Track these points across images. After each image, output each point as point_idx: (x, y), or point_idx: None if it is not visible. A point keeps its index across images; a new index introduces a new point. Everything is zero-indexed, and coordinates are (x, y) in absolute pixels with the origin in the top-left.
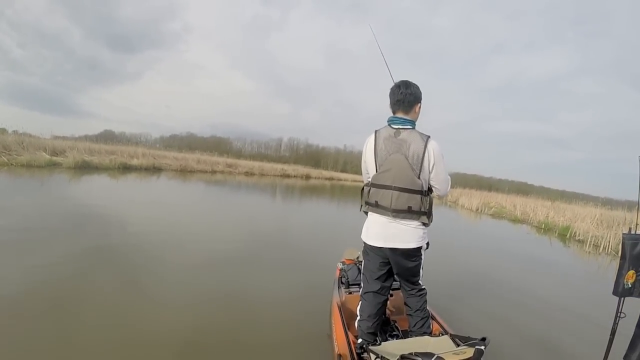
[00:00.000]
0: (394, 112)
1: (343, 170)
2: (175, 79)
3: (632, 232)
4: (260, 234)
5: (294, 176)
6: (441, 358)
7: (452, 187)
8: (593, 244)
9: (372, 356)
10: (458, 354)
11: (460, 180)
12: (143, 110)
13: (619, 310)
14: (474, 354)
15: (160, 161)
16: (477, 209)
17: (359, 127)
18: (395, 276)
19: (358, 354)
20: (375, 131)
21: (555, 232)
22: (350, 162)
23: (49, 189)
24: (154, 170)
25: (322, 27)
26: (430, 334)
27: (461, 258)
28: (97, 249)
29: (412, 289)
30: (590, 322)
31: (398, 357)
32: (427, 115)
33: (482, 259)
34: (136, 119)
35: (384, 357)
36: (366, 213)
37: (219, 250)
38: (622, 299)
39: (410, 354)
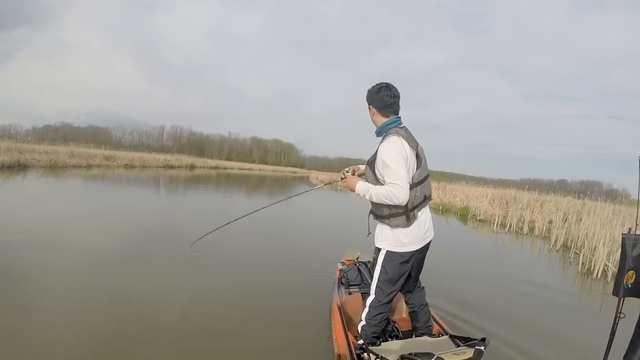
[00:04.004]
0: (387, 115)
1: (228, 159)
2: (48, 61)
3: (632, 232)
4: (147, 229)
5: (178, 167)
6: (441, 358)
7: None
8: (499, 224)
9: (372, 357)
10: (458, 354)
11: (344, 165)
12: (12, 97)
13: (619, 311)
14: (473, 354)
15: (27, 156)
16: None
17: (244, 114)
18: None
19: (358, 355)
20: (397, 135)
21: (456, 213)
22: (236, 149)
23: None
24: (19, 167)
25: (210, 8)
26: (430, 333)
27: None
28: None
29: (417, 287)
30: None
31: (398, 357)
32: (311, 102)
33: None
34: (3, 108)
35: (384, 358)
36: (408, 222)
37: (98, 250)
38: (622, 299)
39: (410, 354)
